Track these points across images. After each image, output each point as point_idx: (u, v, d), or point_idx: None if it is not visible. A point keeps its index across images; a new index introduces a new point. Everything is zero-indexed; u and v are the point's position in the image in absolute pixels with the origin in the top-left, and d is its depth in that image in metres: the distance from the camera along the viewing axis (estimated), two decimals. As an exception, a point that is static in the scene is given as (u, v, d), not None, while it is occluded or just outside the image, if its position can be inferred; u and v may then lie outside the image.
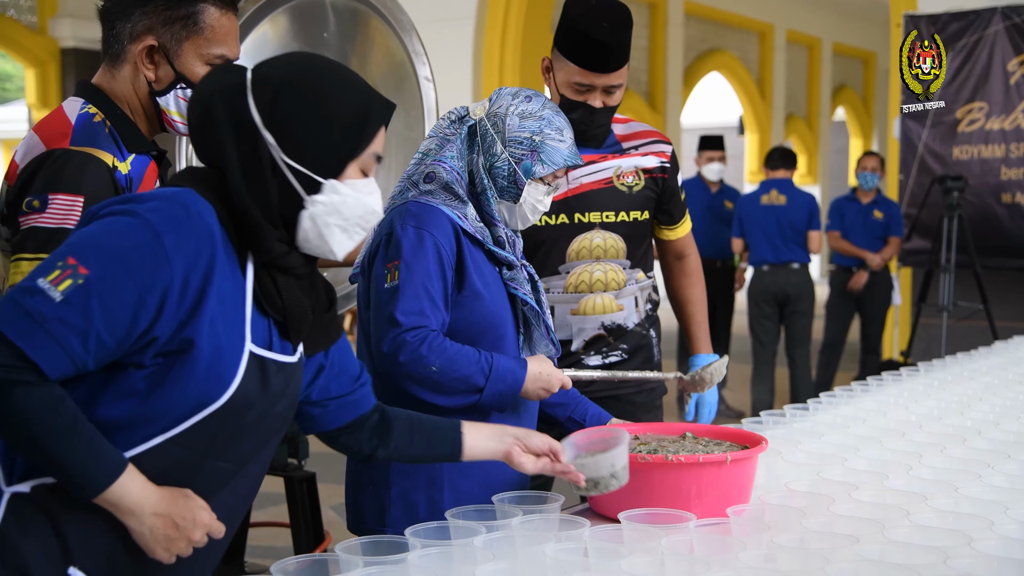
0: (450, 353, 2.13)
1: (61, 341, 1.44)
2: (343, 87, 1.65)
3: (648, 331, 2.88)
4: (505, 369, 2.17)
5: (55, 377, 1.46)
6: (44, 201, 1.87)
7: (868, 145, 19.50)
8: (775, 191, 7.17)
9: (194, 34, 2.03)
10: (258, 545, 4.55)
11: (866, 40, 18.38)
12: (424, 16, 7.30)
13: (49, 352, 1.44)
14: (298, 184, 1.61)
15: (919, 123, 7.19)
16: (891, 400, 2.92)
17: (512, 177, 2.26)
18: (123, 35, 2.05)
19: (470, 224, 2.24)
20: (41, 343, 1.43)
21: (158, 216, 1.50)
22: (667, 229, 2.94)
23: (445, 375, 2.12)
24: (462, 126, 2.31)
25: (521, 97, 2.30)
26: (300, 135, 1.60)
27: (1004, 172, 6.99)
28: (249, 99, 1.60)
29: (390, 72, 3.41)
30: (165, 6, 2.03)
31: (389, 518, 2.21)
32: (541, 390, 2.22)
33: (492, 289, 2.26)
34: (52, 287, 1.44)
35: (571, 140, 2.31)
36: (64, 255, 1.47)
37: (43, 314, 1.43)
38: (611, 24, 2.61)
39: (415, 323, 2.13)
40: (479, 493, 2.15)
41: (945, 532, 1.72)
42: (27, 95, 10.30)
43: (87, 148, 1.94)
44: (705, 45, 15.22)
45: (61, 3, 9.71)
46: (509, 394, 2.18)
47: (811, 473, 2.12)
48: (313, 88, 1.62)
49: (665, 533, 1.71)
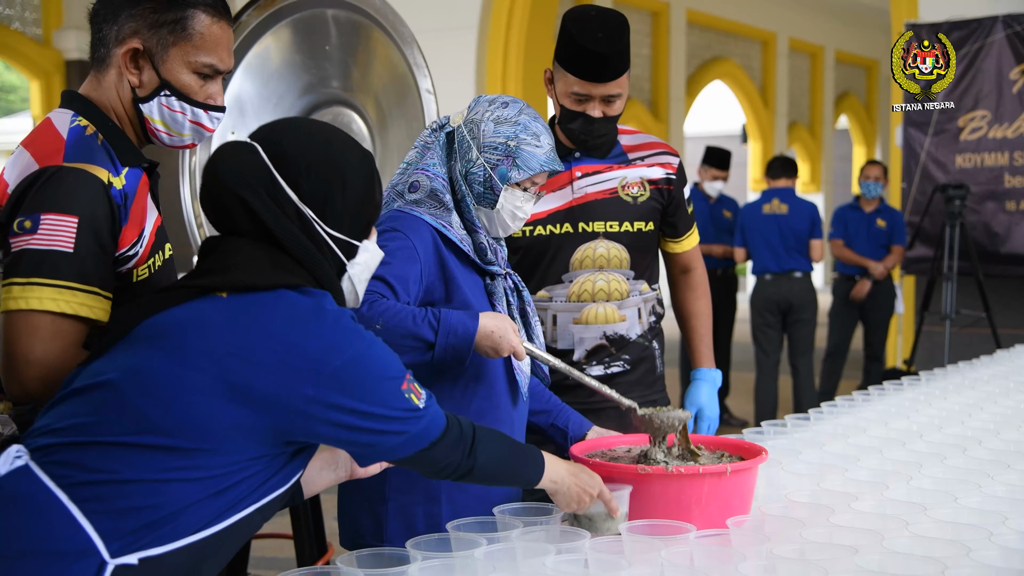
0: (394, 310, 2.10)
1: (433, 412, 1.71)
2: (357, 154, 1.78)
3: (651, 342, 2.89)
4: (456, 321, 2.12)
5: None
6: (36, 221, 1.80)
7: (871, 153, 19.50)
8: (776, 200, 7.19)
9: (182, 40, 1.95)
10: (261, 557, 4.56)
11: (869, 48, 18.39)
12: (427, 25, 7.34)
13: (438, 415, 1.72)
14: (339, 250, 1.75)
15: (921, 131, 7.19)
16: (892, 409, 2.92)
17: (488, 183, 2.26)
18: (109, 38, 1.98)
19: (455, 232, 2.24)
20: (434, 415, 1.70)
21: (359, 337, 1.64)
22: (672, 241, 2.94)
23: (391, 332, 2.07)
24: (441, 133, 2.32)
25: (498, 104, 2.29)
26: (339, 208, 1.73)
27: (1008, 180, 6.99)
28: (280, 180, 1.69)
29: (391, 84, 3.42)
30: (153, 9, 1.95)
31: (387, 533, 2.21)
32: (490, 348, 2.16)
33: (477, 299, 2.26)
34: (415, 399, 1.67)
35: (549, 146, 2.28)
36: (395, 385, 1.65)
37: (427, 425, 1.68)
38: (607, 34, 2.63)
39: (366, 298, 2.11)
40: (477, 507, 2.15)
41: (944, 542, 1.72)
42: (32, 107, 10.35)
43: (81, 164, 1.87)
44: (708, 53, 15.24)
45: (66, 15, 9.76)
46: (462, 347, 2.13)
47: (811, 483, 2.13)
48: (337, 160, 1.74)
49: (665, 544, 1.71)
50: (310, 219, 1.70)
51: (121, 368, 1.58)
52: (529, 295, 2.41)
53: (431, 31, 7.74)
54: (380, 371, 1.63)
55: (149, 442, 1.53)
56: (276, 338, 1.57)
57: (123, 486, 1.52)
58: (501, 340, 2.15)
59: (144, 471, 1.53)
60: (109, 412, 1.55)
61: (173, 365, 1.55)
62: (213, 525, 1.58)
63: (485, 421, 2.23)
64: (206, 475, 1.55)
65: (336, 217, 1.73)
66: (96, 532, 1.51)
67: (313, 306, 1.62)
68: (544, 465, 1.88)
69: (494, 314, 2.18)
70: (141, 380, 1.56)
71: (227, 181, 1.68)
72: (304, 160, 1.70)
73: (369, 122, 3.53)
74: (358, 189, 1.75)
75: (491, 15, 9.25)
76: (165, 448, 1.53)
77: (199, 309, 1.61)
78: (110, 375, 1.58)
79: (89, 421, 1.55)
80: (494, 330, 2.14)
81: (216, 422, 1.54)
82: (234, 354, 1.55)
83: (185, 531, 1.56)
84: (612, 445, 2.28)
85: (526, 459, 1.87)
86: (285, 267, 1.66)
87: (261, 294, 1.61)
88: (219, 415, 1.54)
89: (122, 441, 1.53)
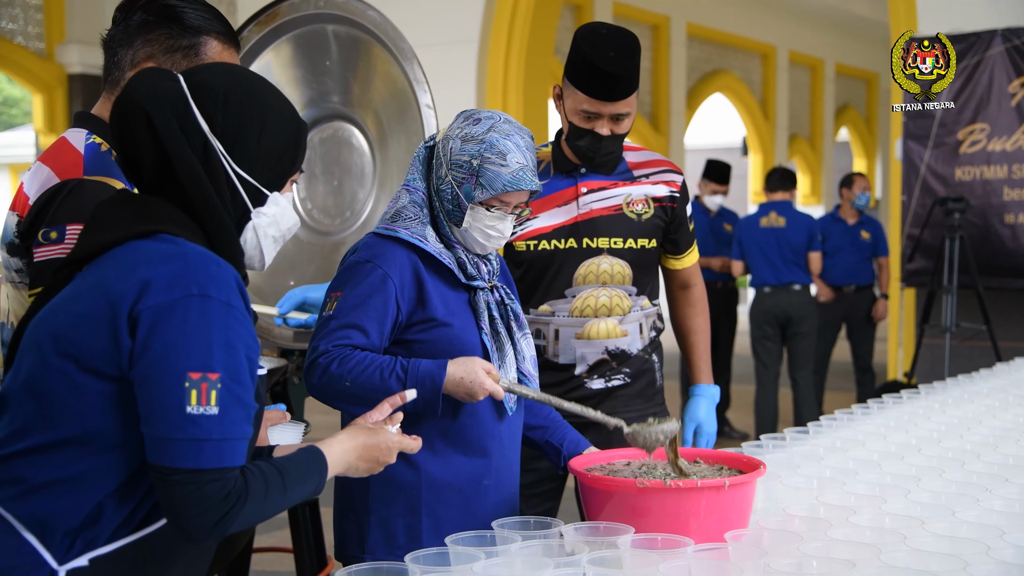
0: (362, 365, 2.10)
1: (242, 436, 1.55)
2: (281, 102, 1.71)
3: (651, 356, 2.90)
4: (424, 373, 2.10)
5: (243, 460, 1.56)
6: (61, 232, 1.87)
7: (872, 165, 19.52)
8: (774, 213, 7.21)
9: (195, 65, 1.99)
10: (262, 571, 4.56)
11: (868, 61, 18.42)
12: (428, 39, 7.36)
13: (240, 451, 1.54)
14: (246, 195, 1.66)
15: (921, 144, 7.20)
16: (891, 423, 2.93)
17: (455, 200, 2.22)
18: (124, 62, 2.04)
19: (432, 246, 2.21)
20: (233, 450, 1.53)
21: (219, 290, 1.53)
22: (673, 258, 2.96)
23: (361, 388, 2.09)
24: (423, 147, 2.31)
25: (471, 120, 2.23)
26: (251, 147, 1.65)
27: (1007, 193, 7.00)
28: (193, 107, 1.62)
29: (392, 99, 3.43)
30: (168, 35, 2.03)
31: (368, 544, 2.21)
32: (464, 395, 2.13)
33: (458, 315, 2.23)
34: (205, 407, 1.49)
35: (518, 165, 2.19)
36: (183, 374, 1.49)
37: (221, 432, 1.51)
38: (618, 53, 2.64)
39: (331, 347, 2.12)
40: (457, 519, 2.17)
41: (941, 557, 1.73)
42: (34, 120, 10.37)
43: (101, 177, 1.93)
44: (708, 66, 15.27)
45: (68, 30, 9.79)
46: (432, 399, 2.10)
47: (810, 497, 2.13)
48: (258, 100, 1.66)
49: (663, 558, 1.72)
50: (217, 153, 1.62)
51: (11, 378, 1.59)
52: (518, 308, 2.36)
53: (432, 45, 7.76)
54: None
55: (43, 442, 1.53)
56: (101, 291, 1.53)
57: (41, 491, 1.53)
58: (472, 385, 2.11)
59: (51, 471, 1.53)
60: (9, 423, 1.56)
61: (41, 358, 1.55)
62: (155, 519, 1.58)
63: (469, 437, 2.22)
64: (108, 460, 1.54)
65: (247, 158, 1.65)
66: (39, 541, 1.52)
67: (201, 262, 1.54)
68: (326, 468, 1.71)
69: (463, 360, 2.14)
70: (26, 384, 1.56)
71: (137, 97, 1.62)
72: (223, 94, 1.64)
73: (369, 137, 3.54)
74: (277, 136, 1.68)
75: (492, 29, 9.27)
76: (59, 443, 1.53)
77: (61, 296, 1.60)
78: (4, 388, 1.60)
79: (2, 436, 1.57)
80: (463, 376, 2.11)
81: (81, 399, 1.52)
82: (70, 326, 1.54)
83: (126, 526, 1.56)
84: (612, 459, 2.28)
85: (301, 480, 1.67)
86: (154, 217, 1.59)
87: (109, 252, 1.58)
88: (81, 391, 1.52)
89: (23, 448, 1.54)
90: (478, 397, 2.14)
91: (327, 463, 1.70)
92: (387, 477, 2.13)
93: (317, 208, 3.62)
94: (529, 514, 2.17)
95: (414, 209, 2.24)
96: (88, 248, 1.59)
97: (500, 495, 2.28)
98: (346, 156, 3.58)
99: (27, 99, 18.81)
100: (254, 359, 1.58)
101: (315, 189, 3.62)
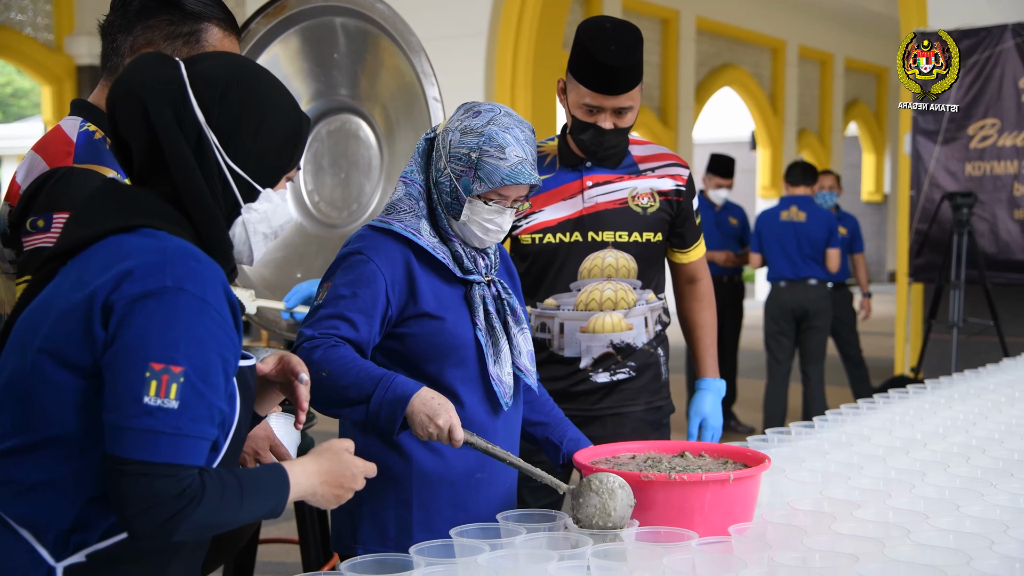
0: (342, 360, 2.07)
1: (202, 436, 1.49)
2: (283, 97, 1.69)
3: (656, 350, 2.90)
4: (398, 381, 2.05)
5: (203, 461, 1.50)
6: (48, 220, 1.85)
7: (881, 160, 19.48)
8: (795, 207, 7.19)
9: (195, 52, 1.99)
10: (268, 561, 4.57)
11: (878, 55, 18.38)
12: (436, 33, 7.37)
13: (198, 450, 1.49)
14: (237, 190, 1.64)
15: (931, 139, 7.19)
16: (896, 418, 2.92)
17: (454, 193, 2.19)
18: (123, 48, 2.02)
19: (425, 240, 2.19)
20: (190, 448, 1.48)
21: (196, 285, 1.50)
22: (679, 252, 2.95)
23: (333, 384, 2.05)
24: (423, 139, 2.29)
25: (470, 112, 2.20)
26: (246, 142, 1.63)
27: (1016, 188, 6.99)
28: (191, 97, 1.60)
29: (399, 92, 3.44)
30: (169, 21, 2.00)
31: (360, 535, 2.21)
32: (425, 417, 2.01)
33: (451, 309, 2.20)
34: (164, 399, 1.45)
35: (517, 158, 2.14)
36: (145, 364, 1.46)
37: (176, 426, 1.46)
38: (620, 47, 2.64)
39: (317, 334, 2.11)
40: (448, 512, 2.16)
41: (945, 551, 1.73)
42: (43, 112, 10.41)
43: (91, 165, 1.92)
44: (717, 61, 15.24)
45: (78, 21, 9.82)
46: (395, 400, 2.03)
47: (814, 491, 2.13)
48: (258, 95, 1.64)
49: (667, 551, 1.72)
50: (211, 146, 1.60)
51: None
52: (516, 303, 2.31)
53: (441, 38, 7.76)
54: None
55: (26, 442, 1.52)
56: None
57: (30, 493, 1.52)
58: (439, 408, 2.01)
59: (37, 473, 1.52)
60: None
61: (22, 356, 1.54)
62: None
63: None
64: (88, 463, 1.52)
65: (242, 154, 1.62)
66: (36, 540, 1.52)
67: (180, 254, 1.51)
68: (288, 489, 1.63)
69: (439, 401, 2.03)
70: (8, 384, 1.55)
71: (133, 82, 1.60)
72: (223, 86, 1.61)
73: (377, 130, 3.55)
74: (274, 133, 1.65)
75: (500, 23, 9.27)
76: (39, 445, 1.52)
77: (44, 292, 1.58)
78: None
79: None
80: (433, 396, 2.03)
81: (58, 398, 1.51)
82: (49, 322, 1.52)
83: (118, 529, 1.54)
84: (616, 452, 2.28)
85: (259, 497, 1.59)
86: (137, 211, 1.56)
87: (91, 247, 1.56)
88: (58, 389, 1.50)
89: (8, 448, 1.53)
90: (439, 422, 2.01)
91: (290, 484, 1.63)
92: (379, 468, 2.12)
93: (324, 201, 3.63)
94: (534, 507, 2.17)
95: (409, 202, 2.22)
96: (71, 242, 1.58)
97: (494, 490, 2.25)
98: (353, 149, 3.59)
99: (36, 90, 18.85)
100: (230, 360, 1.54)
101: (322, 182, 3.63)
